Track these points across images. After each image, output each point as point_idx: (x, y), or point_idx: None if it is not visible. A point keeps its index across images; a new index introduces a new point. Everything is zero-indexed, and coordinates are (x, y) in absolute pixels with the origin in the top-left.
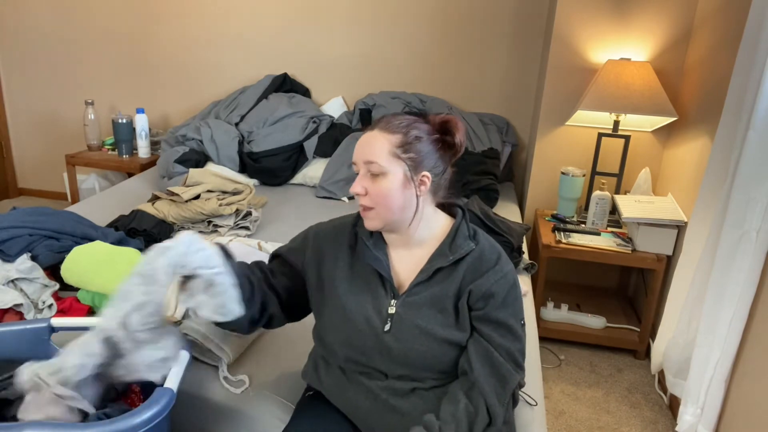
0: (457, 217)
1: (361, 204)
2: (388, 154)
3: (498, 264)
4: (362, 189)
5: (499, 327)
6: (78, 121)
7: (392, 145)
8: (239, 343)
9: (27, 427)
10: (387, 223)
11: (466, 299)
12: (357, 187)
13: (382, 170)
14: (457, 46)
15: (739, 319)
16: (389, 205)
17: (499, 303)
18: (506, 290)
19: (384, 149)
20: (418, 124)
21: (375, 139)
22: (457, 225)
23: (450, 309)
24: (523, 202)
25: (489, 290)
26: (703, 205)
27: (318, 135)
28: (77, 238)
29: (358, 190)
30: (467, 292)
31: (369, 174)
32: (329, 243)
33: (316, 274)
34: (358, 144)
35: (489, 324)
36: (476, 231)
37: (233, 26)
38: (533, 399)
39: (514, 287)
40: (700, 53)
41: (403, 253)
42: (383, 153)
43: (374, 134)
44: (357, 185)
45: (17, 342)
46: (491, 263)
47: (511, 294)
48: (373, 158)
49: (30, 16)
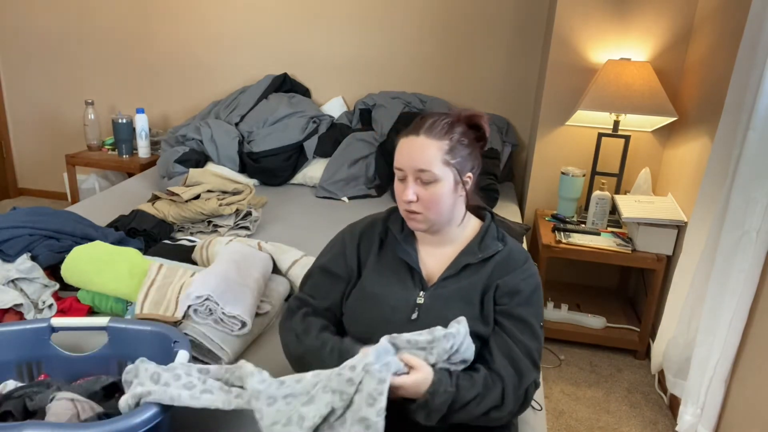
0: (486, 219)
1: (410, 210)
2: (440, 162)
3: (526, 264)
4: (415, 196)
5: (521, 324)
6: (78, 121)
7: (442, 153)
8: (239, 343)
9: (27, 427)
10: (433, 225)
11: (492, 293)
12: (410, 194)
13: (435, 178)
14: (457, 46)
15: (739, 319)
16: (440, 210)
17: (524, 300)
18: (532, 289)
19: (436, 157)
20: (456, 125)
21: (425, 146)
22: (487, 226)
23: (476, 302)
24: (523, 202)
25: (516, 287)
26: (703, 205)
27: (318, 135)
28: (77, 238)
29: (412, 198)
30: (494, 287)
31: (419, 181)
32: (365, 239)
33: (357, 271)
34: (405, 150)
35: (511, 320)
36: (504, 234)
37: (233, 26)
38: (538, 404)
39: (539, 289)
40: (700, 53)
41: (431, 250)
42: (436, 161)
43: (423, 141)
44: (409, 193)
45: (17, 342)
46: (519, 263)
47: (535, 294)
48: (427, 167)
49: (30, 16)
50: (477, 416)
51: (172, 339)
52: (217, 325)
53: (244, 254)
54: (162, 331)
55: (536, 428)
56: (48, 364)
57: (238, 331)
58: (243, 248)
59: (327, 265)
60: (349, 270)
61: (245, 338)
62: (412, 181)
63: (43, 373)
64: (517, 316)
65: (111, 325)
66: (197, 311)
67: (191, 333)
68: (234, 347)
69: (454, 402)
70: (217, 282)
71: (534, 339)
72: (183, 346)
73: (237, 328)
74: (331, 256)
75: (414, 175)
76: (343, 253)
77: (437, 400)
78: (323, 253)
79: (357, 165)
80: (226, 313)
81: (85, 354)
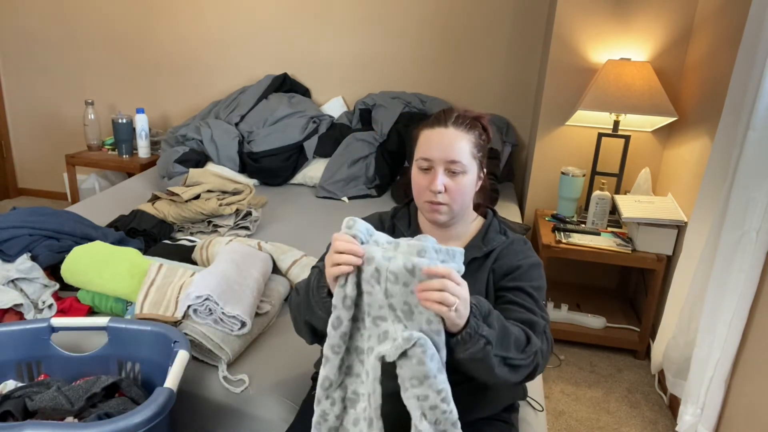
0: (489, 216)
1: (435, 201)
2: (469, 154)
3: (524, 248)
4: (443, 187)
5: (521, 293)
6: (78, 121)
7: (471, 145)
8: (239, 342)
9: (27, 427)
10: (454, 216)
11: (492, 278)
12: (439, 184)
13: (465, 169)
14: (457, 46)
15: (739, 319)
16: (465, 201)
17: (522, 274)
18: (530, 264)
19: (466, 149)
20: (473, 120)
21: (457, 138)
22: (489, 222)
23: (482, 293)
24: (523, 202)
25: (514, 265)
26: (703, 205)
27: (318, 135)
28: (77, 238)
29: (441, 188)
30: (492, 270)
31: (448, 171)
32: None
33: None
34: (435, 141)
35: (511, 291)
36: (506, 229)
37: (233, 26)
38: (538, 404)
39: (539, 267)
40: (700, 53)
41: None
42: (466, 152)
43: (453, 133)
44: (438, 183)
45: (17, 342)
46: (519, 248)
47: (534, 269)
48: (458, 158)
49: (30, 16)
50: (519, 340)
51: (172, 339)
52: (216, 324)
53: (244, 254)
54: (162, 331)
55: (536, 428)
56: (48, 364)
57: (238, 330)
58: (243, 248)
59: None
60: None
61: (245, 338)
62: (441, 171)
63: (43, 373)
64: (518, 286)
65: (111, 325)
66: (197, 311)
67: (191, 333)
68: (234, 347)
69: (493, 316)
70: (216, 282)
71: (537, 307)
72: (183, 346)
73: (237, 327)
74: None
75: (444, 166)
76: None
77: (483, 305)
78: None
79: (357, 165)
80: (226, 312)
81: (85, 354)
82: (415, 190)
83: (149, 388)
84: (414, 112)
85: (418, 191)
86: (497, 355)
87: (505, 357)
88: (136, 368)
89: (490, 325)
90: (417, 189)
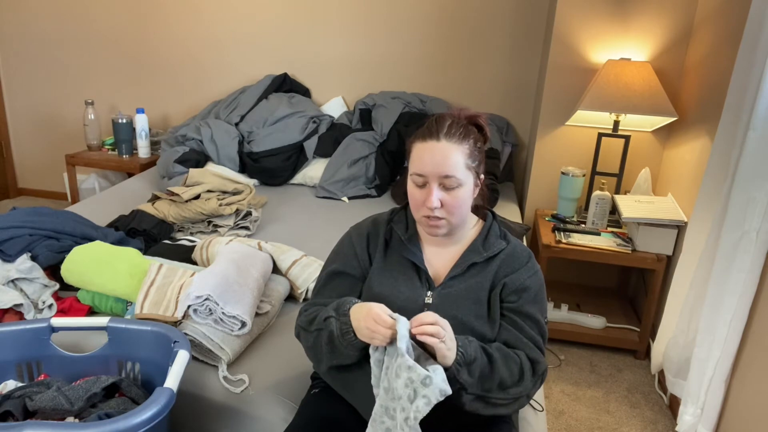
0: (488, 219)
1: (433, 216)
2: (463, 167)
3: (530, 262)
4: (439, 202)
5: (530, 320)
6: (78, 121)
7: (465, 157)
8: (239, 342)
9: (27, 427)
10: (452, 229)
11: (499, 291)
12: (434, 201)
13: (459, 183)
14: (457, 46)
15: (739, 319)
16: (461, 214)
17: (531, 298)
18: (538, 287)
19: (460, 162)
20: (467, 125)
21: (449, 152)
22: (489, 225)
23: (483, 300)
24: (523, 202)
25: (523, 284)
26: (703, 205)
27: (318, 135)
28: (77, 238)
29: (437, 204)
30: (501, 285)
31: (442, 186)
32: (372, 238)
33: (369, 270)
34: (427, 157)
35: (521, 316)
36: (506, 233)
37: (233, 26)
38: (538, 404)
39: (543, 286)
40: (700, 53)
41: (436, 250)
42: (460, 166)
43: (445, 146)
44: (434, 199)
45: (17, 342)
46: (523, 261)
47: (541, 292)
48: (452, 172)
49: (30, 16)
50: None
51: (172, 339)
52: (216, 324)
53: (244, 254)
54: (162, 331)
55: (536, 428)
56: (48, 364)
57: (238, 330)
58: (243, 248)
59: (340, 269)
60: (363, 270)
61: (245, 338)
62: (436, 187)
63: (43, 373)
64: (526, 312)
65: (111, 325)
66: (197, 311)
67: (191, 333)
68: (234, 347)
69: (486, 353)
70: (216, 282)
71: (540, 334)
72: (183, 346)
73: (237, 327)
74: (343, 258)
75: (438, 181)
76: (354, 253)
77: (470, 349)
78: (332, 259)
79: (357, 165)
80: (226, 312)
81: (85, 354)
82: (412, 203)
83: (149, 388)
84: (414, 112)
85: (414, 205)
86: (472, 393)
87: (483, 396)
88: (136, 368)
89: (471, 373)
90: (413, 203)
